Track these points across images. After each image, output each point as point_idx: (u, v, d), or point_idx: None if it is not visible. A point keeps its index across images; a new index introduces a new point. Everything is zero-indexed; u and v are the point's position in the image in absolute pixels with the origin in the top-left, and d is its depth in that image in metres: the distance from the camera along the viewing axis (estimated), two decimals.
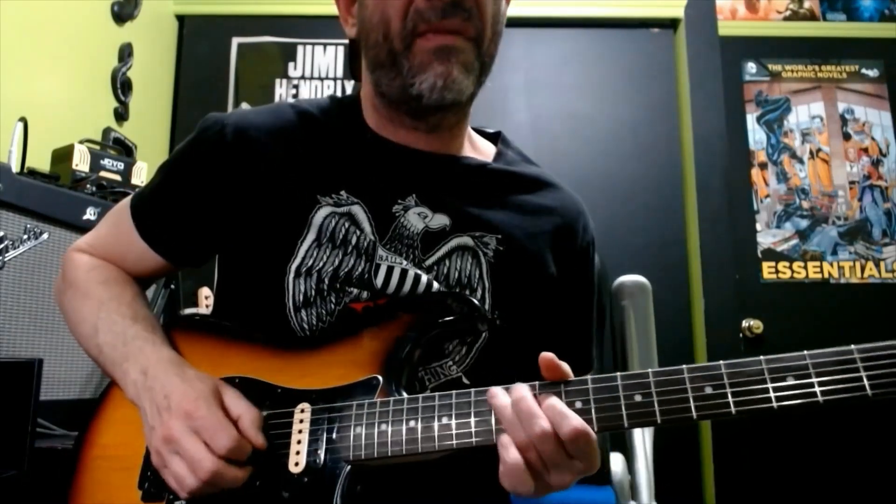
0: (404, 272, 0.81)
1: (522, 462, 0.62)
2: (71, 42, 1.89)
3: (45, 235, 1.28)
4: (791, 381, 0.59)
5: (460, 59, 0.78)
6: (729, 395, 0.60)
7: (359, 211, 0.83)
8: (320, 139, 0.87)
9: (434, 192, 0.85)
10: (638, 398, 0.62)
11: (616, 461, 1.42)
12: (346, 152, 0.86)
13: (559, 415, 0.61)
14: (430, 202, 0.84)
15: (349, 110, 0.91)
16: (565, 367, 0.65)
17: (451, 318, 0.77)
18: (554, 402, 0.62)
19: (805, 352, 0.60)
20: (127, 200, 0.92)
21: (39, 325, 1.26)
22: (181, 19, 2.61)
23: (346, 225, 0.82)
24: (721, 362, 0.61)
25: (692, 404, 0.60)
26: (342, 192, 0.83)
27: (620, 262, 2.08)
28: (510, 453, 0.62)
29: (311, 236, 0.81)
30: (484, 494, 0.86)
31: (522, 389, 0.64)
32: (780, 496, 2.38)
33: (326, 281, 0.80)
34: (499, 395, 0.65)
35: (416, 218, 0.83)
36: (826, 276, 2.55)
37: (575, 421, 0.61)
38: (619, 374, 0.64)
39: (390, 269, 0.81)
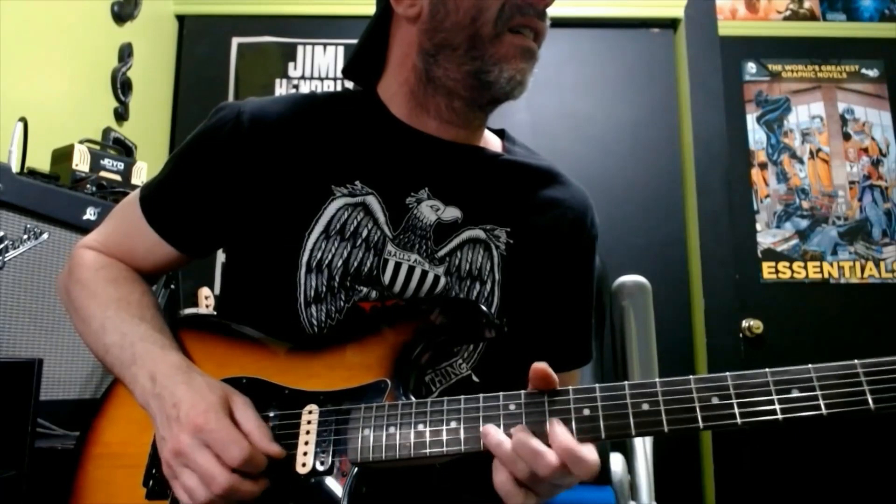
0: (411, 269, 0.82)
1: (523, 490, 0.63)
2: (71, 42, 1.89)
3: (45, 235, 1.28)
4: (796, 394, 0.59)
5: (534, 63, 0.84)
6: (735, 406, 0.60)
7: (373, 201, 0.83)
8: (337, 129, 0.87)
9: (447, 183, 0.86)
10: (645, 407, 0.62)
11: (616, 461, 1.42)
12: (363, 142, 0.87)
13: (567, 452, 0.60)
14: (443, 195, 0.85)
15: (368, 101, 0.91)
16: (554, 378, 0.66)
17: (459, 324, 0.77)
18: (560, 435, 0.62)
19: (809, 365, 0.60)
20: (134, 194, 0.91)
21: (39, 325, 1.26)
22: (181, 19, 2.61)
23: (359, 217, 0.82)
24: (727, 374, 0.62)
25: (699, 414, 0.61)
26: (357, 183, 0.84)
27: (620, 262, 2.07)
28: (508, 486, 0.63)
29: (318, 228, 0.81)
30: (488, 496, 0.86)
31: (519, 431, 0.63)
32: (780, 496, 2.38)
33: (337, 278, 0.81)
34: (491, 434, 0.64)
35: (429, 210, 0.84)
36: (826, 276, 2.55)
37: (586, 454, 0.60)
38: (626, 382, 0.64)
39: (398, 266, 0.82)
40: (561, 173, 0.97)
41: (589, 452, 0.61)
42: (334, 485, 0.67)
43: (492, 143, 0.96)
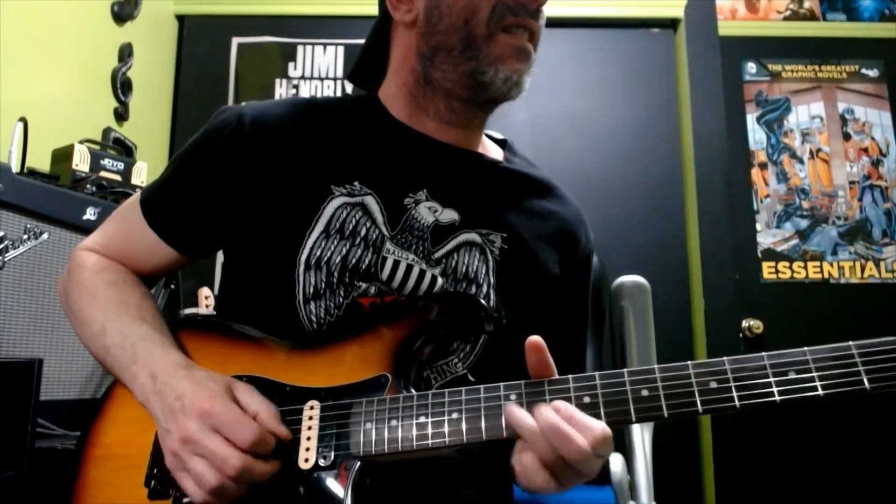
0: (409, 267, 0.82)
1: (547, 472, 0.63)
2: (71, 42, 1.89)
3: (45, 235, 1.28)
4: (792, 376, 0.61)
5: (529, 63, 0.85)
6: (733, 390, 0.61)
7: (371, 202, 0.84)
8: (337, 130, 0.88)
9: (446, 186, 0.87)
10: (645, 393, 0.63)
11: (615, 461, 1.42)
12: (363, 143, 0.88)
13: (584, 427, 0.61)
14: (441, 197, 0.86)
15: (368, 104, 0.93)
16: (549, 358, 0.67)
17: (458, 318, 0.78)
18: (573, 412, 0.62)
19: (805, 348, 0.61)
20: (135, 196, 0.92)
21: (39, 325, 1.26)
22: (181, 19, 2.61)
23: (358, 216, 0.83)
24: (725, 358, 0.63)
25: (697, 399, 0.62)
26: (355, 183, 0.84)
27: (620, 262, 2.08)
28: (533, 465, 0.63)
29: (319, 227, 0.82)
30: (489, 487, 0.87)
31: (548, 413, 0.63)
32: (781, 496, 2.38)
33: (336, 274, 0.81)
34: (515, 413, 0.64)
35: (427, 211, 0.85)
36: (826, 276, 2.55)
37: (598, 430, 0.61)
38: (625, 370, 0.65)
39: (396, 263, 0.82)
40: (558, 187, 0.98)
41: (598, 423, 0.61)
42: (337, 479, 0.68)
43: (492, 151, 0.97)
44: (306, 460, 0.69)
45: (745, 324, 2.47)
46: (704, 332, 2.33)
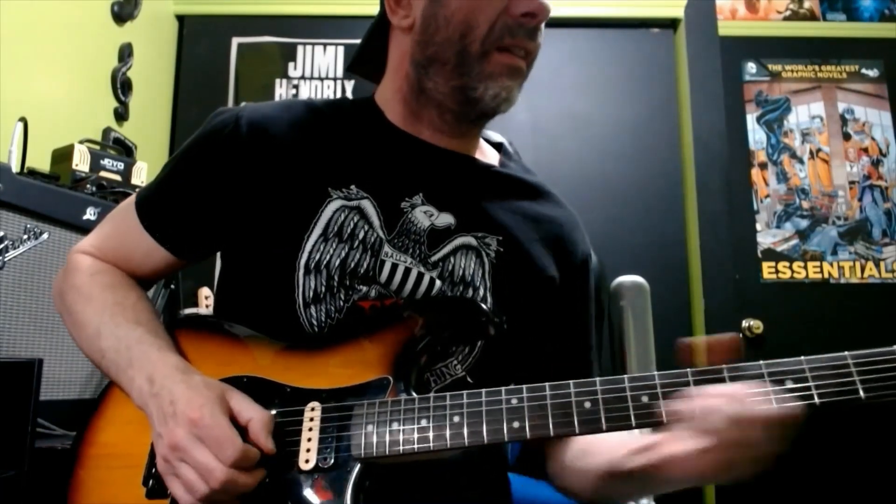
0: (408, 270, 0.82)
1: (708, 448, 0.63)
2: (71, 42, 1.90)
3: (45, 235, 1.28)
4: (790, 385, 0.62)
5: (521, 80, 0.85)
6: None
7: (368, 206, 0.84)
8: (333, 134, 0.88)
9: (441, 190, 0.86)
10: (644, 399, 0.64)
11: None
12: (359, 147, 0.88)
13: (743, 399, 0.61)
14: (437, 201, 0.86)
15: (364, 107, 0.93)
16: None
17: (461, 322, 0.78)
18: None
19: (802, 357, 0.62)
20: (131, 198, 0.91)
21: (39, 325, 1.26)
22: (181, 19, 2.61)
23: (356, 219, 0.83)
24: (723, 366, 0.64)
25: None
26: (352, 187, 0.84)
27: (620, 262, 2.08)
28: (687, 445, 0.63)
29: (317, 230, 0.82)
30: (488, 487, 0.87)
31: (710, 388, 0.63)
32: (780, 497, 2.38)
33: (336, 278, 0.81)
34: (673, 404, 0.63)
35: (423, 215, 0.85)
36: (826, 276, 2.55)
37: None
38: (625, 376, 0.65)
39: (394, 267, 0.82)
40: (552, 192, 0.98)
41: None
42: (338, 481, 0.68)
43: (488, 154, 0.97)
44: (307, 461, 0.69)
45: (745, 324, 2.48)
46: (704, 332, 2.33)
